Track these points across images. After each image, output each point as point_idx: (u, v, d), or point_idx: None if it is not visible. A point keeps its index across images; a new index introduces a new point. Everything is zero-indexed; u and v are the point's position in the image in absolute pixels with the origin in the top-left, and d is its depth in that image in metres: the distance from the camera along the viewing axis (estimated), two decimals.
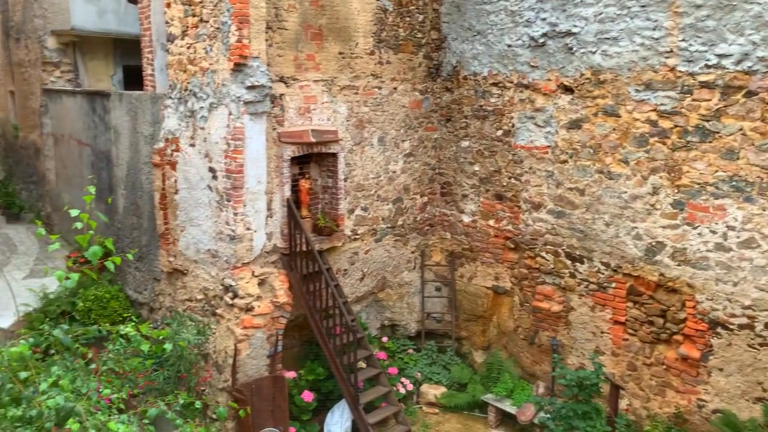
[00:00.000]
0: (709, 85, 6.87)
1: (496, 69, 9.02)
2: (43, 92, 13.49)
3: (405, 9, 9.29)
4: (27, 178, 15.62)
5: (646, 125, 7.45)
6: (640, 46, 7.34)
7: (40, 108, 13.72)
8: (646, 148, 7.48)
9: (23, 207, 15.06)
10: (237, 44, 7.30)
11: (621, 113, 7.64)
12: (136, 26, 10.99)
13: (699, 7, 6.82)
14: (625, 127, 7.64)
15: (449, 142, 9.92)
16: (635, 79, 7.45)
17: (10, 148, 17.39)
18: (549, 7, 8.20)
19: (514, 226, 9.09)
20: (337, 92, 8.70)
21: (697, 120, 7.02)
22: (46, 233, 4.05)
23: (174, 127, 8.46)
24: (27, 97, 14.86)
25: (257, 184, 7.81)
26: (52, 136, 13.39)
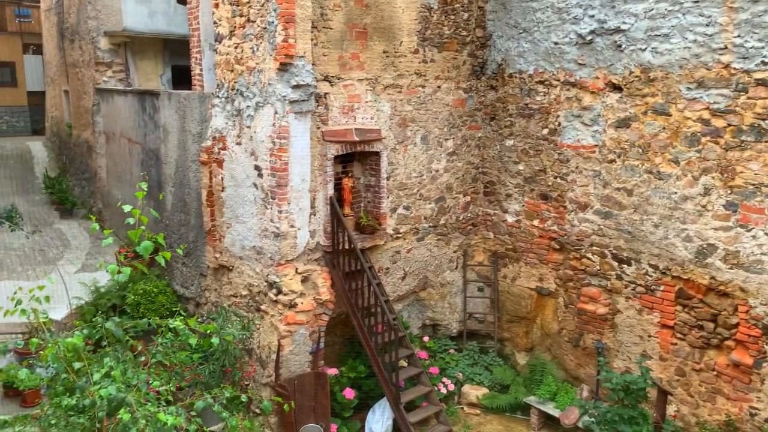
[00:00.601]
0: (766, 82, 6.63)
1: (542, 67, 8.90)
2: (95, 91, 13.92)
3: (450, 7, 9.24)
4: (80, 175, 16.14)
5: (698, 124, 7.23)
6: (692, 42, 7.13)
7: (93, 107, 14.15)
8: (697, 147, 7.27)
9: (76, 203, 15.56)
10: (283, 44, 7.38)
11: (672, 112, 7.45)
12: (184, 26, 11.23)
13: (756, 2, 6.59)
14: (675, 126, 7.44)
15: (493, 140, 9.83)
16: (687, 77, 7.24)
17: (64, 146, 18.00)
18: (597, 4, 8.04)
19: (559, 226, 8.96)
20: (381, 91, 8.71)
21: (752, 119, 6.78)
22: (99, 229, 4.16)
23: (221, 126, 8.61)
24: (80, 96, 15.35)
25: (301, 182, 7.89)
26: (104, 134, 13.79)
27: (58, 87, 18.41)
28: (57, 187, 15.78)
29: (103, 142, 13.87)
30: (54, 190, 15.74)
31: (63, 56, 16.95)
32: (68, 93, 16.91)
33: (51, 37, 18.76)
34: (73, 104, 16.46)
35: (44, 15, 19.88)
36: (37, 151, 21.33)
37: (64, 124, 17.69)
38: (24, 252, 12.53)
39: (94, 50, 13.74)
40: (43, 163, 19.81)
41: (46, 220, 14.95)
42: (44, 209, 15.79)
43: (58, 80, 18.12)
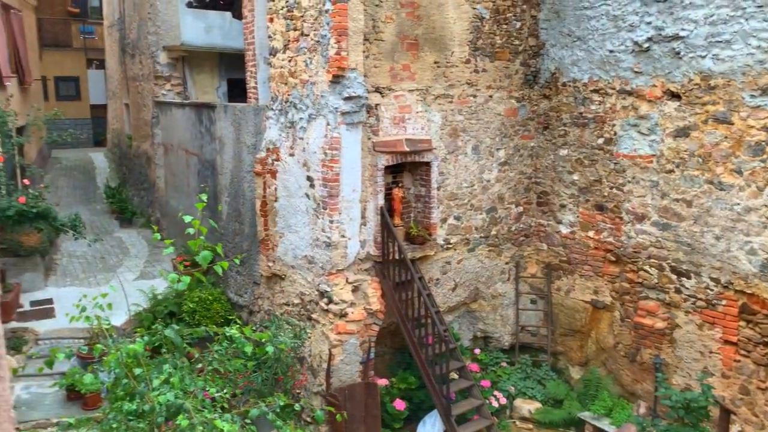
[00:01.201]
0: None
1: (597, 75, 8.74)
2: (154, 104, 14.38)
3: (502, 17, 9.19)
4: (139, 185, 16.68)
5: (763, 133, 6.96)
6: (756, 48, 6.88)
7: (152, 119, 14.62)
8: (762, 157, 7.00)
9: (135, 212, 16.08)
10: (335, 56, 7.48)
11: (734, 120, 7.20)
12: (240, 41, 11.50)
13: None
14: (738, 135, 7.18)
15: (546, 150, 9.70)
16: (750, 84, 6.99)
17: (124, 157, 18.64)
18: (654, 11, 7.86)
19: (615, 238, 8.75)
20: (432, 101, 8.71)
21: None
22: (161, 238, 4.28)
23: (275, 138, 8.76)
24: (140, 109, 15.88)
25: (352, 192, 7.95)
26: (162, 146, 14.22)
27: (119, 100, 19.11)
28: (117, 196, 16.35)
29: (162, 153, 14.30)
30: (114, 199, 16.31)
31: (124, 70, 17.60)
32: (128, 106, 17.53)
33: (113, 52, 19.51)
34: (133, 116, 17.06)
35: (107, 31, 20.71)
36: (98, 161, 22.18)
37: (124, 136, 18.33)
38: (86, 259, 13.01)
39: (153, 64, 14.21)
40: (104, 173, 20.57)
41: (107, 228, 15.50)
42: (105, 218, 16.37)
43: (119, 93, 18.81)
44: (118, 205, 16.12)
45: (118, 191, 16.67)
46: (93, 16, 26.25)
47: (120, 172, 19.32)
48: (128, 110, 17.68)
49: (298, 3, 7.97)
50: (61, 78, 26.18)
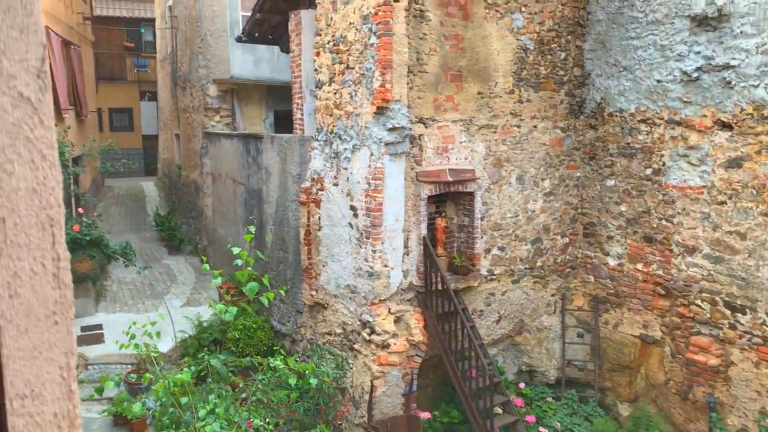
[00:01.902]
0: None
1: (645, 105, 8.61)
2: (204, 135, 14.78)
3: (546, 47, 9.18)
4: (187, 213, 17.08)
5: None
6: None
7: (201, 149, 15.02)
8: None
9: (183, 240, 16.45)
10: (380, 89, 7.58)
11: None
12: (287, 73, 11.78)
13: None
14: None
15: (593, 180, 9.55)
16: None
17: (174, 186, 19.14)
18: (704, 40, 7.73)
19: (665, 270, 8.51)
20: (475, 131, 8.71)
21: None
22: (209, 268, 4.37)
23: (319, 168, 8.88)
24: (190, 139, 16.34)
25: (395, 222, 7.97)
26: (211, 175, 14.56)
27: (169, 131, 19.72)
28: (166, 224, 16.76)
29: (210, 182, 14.64)
30: (163, 227, 16.72)
31: (175, 102, 18.18)
32: (179, 136, 18.06)
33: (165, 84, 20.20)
34: (183, 147, 17.55)
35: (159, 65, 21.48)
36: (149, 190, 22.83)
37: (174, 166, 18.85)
38: (135, 286, 13.33)
39: (203, 96, 14.64)
40: (154, 201, 21.15)
41: (155, 255, 15.87)
42: (154, 245, 16.78)
43: (170, 124, 19.41)
44: (167, 232, 16.52)
45: (167, 219, 17.09)
46: (147, 51, 27.29)
47: (169, 201, 19.84)
48: (178, 140, 18.21)
49: (344, 37, 8.14)
50: (116, 109, 27.20)
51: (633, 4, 8.61)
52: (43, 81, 0.73)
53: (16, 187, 0.71)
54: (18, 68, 0.71)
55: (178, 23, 17.25)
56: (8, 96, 0.70)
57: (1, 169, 0.69)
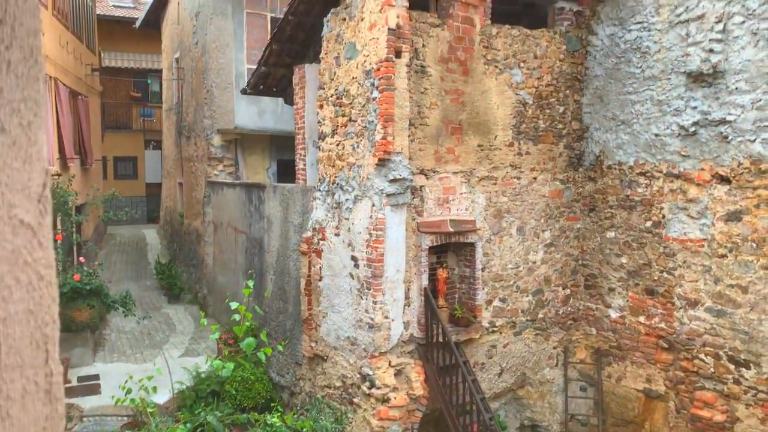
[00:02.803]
0: None
1: (643, 158, 8.71)
2: (207, 184, 14.90)
3: (545, 101, 9.34)
4: (188, 262, 17.07)
5: None
6: None
7: (204, 198, 15.12)
8: None
9: (183, 288, 16.39)
10: (382, 141, 7.68)
11: None
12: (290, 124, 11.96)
13: None
14: None
15: (593, 232, 9.58)
16: None
17: (176, 234, 19.19)
18: (700, 96, 7.88)
19: (667, 324, 8.45)
20: (476, 183, 8.79)
21: None
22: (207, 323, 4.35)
23: (321, 218, 8.93)
24: (193, 188, 16.47)
25: (396, 272, 7.96)
26: (213, 224, 14.62)
27: (173, 179, 19.89)
28: (167, 273, 16.73)
29: (212, 231, 14.69)
30: (164, 276, 16.68)
31: (179, 151, 18.40)
32: (182, 185, 18.21)
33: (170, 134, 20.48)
34: (185, 195, 17.67)
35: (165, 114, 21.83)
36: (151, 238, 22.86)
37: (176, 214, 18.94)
38: (134, 335, 13.22)
39: (207, 146, 14.83)
40: (155, 249, 21.15)
41: (155, 304, 15.78)
42: (154, 294, 16.71)
43: (174, 173, 19.59)
44: (167, 281, 16.47)
45: (167, 267, 17.07)
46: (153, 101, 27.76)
47: (170, 249, 19.85)
48: (181, 189, 18.35)
49: (347, 91, 8.30)
50: (120, 158, 27.50)
51: (630, 61, 8.80)
52: (44, 205, 0.75)
53: (12, 312, 0.72)
54: (20, 197, 0.72)
55: (184, 75, 17.61)
56: (9, 225, 0.71)
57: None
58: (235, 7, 13.68)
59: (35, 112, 0.74)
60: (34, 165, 0.74)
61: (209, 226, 14.82)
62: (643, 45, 8.58)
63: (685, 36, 7.98)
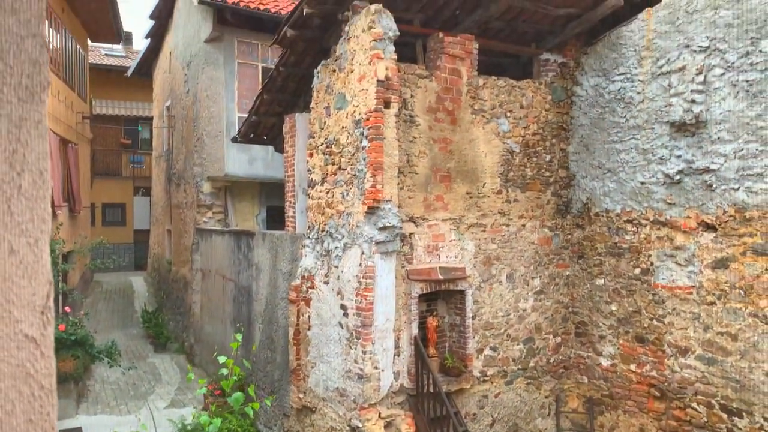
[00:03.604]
0: None
1: (630, 206, 8.81)
2: (195, 231, 14.86)
3: (532, 150, 9.47)
4: (175, 309, 16.87)
5: None
6: None
7: (192, 245, 15.05)
8: None
9: (170, 337, 16.14)
10: (371, 189, 7.73)
11: None
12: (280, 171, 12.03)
13: None
14: None
15: (582, 279, 9.60)
16: None
17: (163, 281, 19.01)
18: (684, 145, 8.03)
19: (658, 372, 8.40)
20: (465, 230, 8.83)
21: None
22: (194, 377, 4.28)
23: (310, 265, 8.90)
24: (181, 235, 16.41)
25: (386, 321, 7.90)
26: (201, 271, 14.51)
27: (162, 226, 19.82)
28: (153, 321, 16.51)
29: (200, 278, 14.57)
30: (150, 324, 16.45)
31: (168, 198, 18.40)
32: (170, 232, 18.14)
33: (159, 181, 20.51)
34: (174, 242, 17.59)
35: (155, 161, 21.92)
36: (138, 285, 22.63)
37: (164, 261, 18.81)
38: (119, 386, 12.94)
39: (197, 193, 14.85)
40: (142, 297, 20.92)
41: (141, 353, 15.51)
42: (140, 342, 16.44)
43: (163, 220, 19.54)
44: (154, 329, 16.24)
45: (154, 316, 16.86)
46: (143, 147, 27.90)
47: (158, 297, 19.64)
48: (170, 236, 18.27)
49: (337, 140, 8.39)
50: (109, 205, 27.43)
51: (614, 110, 8.99)
52: (47, 316, 0.77)
53: (14, 424, 0.72)
54: (25, 312, 0.75)
55: (175, 122, 17.75)
56: (14, 341, 0.73)
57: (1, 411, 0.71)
58: (226, 58, 13.90)
59: (42, 228, 0.77)
60: (39, 279, 0.76)
61: (197, 273, 14.71)
62: (626, 95, 8.77)
63: (667, 87, 8.17)
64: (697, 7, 7.80)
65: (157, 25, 19.45)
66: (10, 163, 0.71)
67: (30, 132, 0.74)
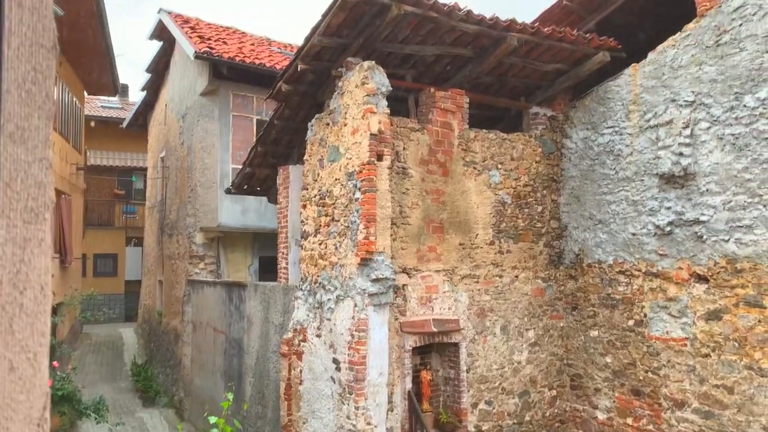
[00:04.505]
0: None
1: (622, 257, 8.84)
2: (187, 282, 14.76)
3: (523, 201, 9.55)
4: (165, 362, 16.59)
5: None
6: None
7: (184, 297, 14.92)
8: None
9: (159, 391, 15.82)
10: (364, 241, 7.74)
11: (766, 304, 7.08)
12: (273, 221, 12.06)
13: None
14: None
15: (577, 331, 9.54)
16: None
17: (153, 333, 18.76)
18: (673, 197, 8.12)
19: (655, 426, 8.27)
20: (458, 281, 8.81)
21: None
22: None
23: (303, 318, 8.82)
24: (173, 286, 16.28)
25: (379, 376, 7.79)
26: (192, 323, 14.35)
27: (153, 277, 19.68)
28: (143, 374, 16.21)
29: (190, 330, 14.39)
30: (140, 377, 16.16)
31: (161, 249, 18.32)
32: (162, 283, 18.00)
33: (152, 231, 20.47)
34: (165, 293, 17.44)
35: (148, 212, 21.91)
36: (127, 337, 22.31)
37: (155, 312, 18.61)
38: None
39: (189, 244, 14.81)
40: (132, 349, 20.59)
41: (129, 408, 15.17)
42: (129, 396, 16.10)
43: (154, 270, 19.42)
44: (143, 383, 15.93)
45: (144, 369, 16.56)
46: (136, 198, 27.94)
47: (148, 349, 19.34)
48: (161, 287, 18.12)
49: (330, 192, 8.45)
50: (100, 255, 27.28)
51: (604, 162, 9.11)
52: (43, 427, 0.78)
53: None
54: (21, 426, 0.75)
55: (169, 173, 17.84)
56: None
57: None
58: (222, 110, 14.10)
59: (41, 342, 0.78)
60: (36, 391, 0.77)
61: (188, 325, 14.53)
62: (615, 148, 8.91)
63: (655, 140, 8.32)
64: (681, 63, 8.02)
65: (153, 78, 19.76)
66: (13, 283, 0.72)
67: (33, 251, 0.75)
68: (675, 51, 8.11)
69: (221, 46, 14.61)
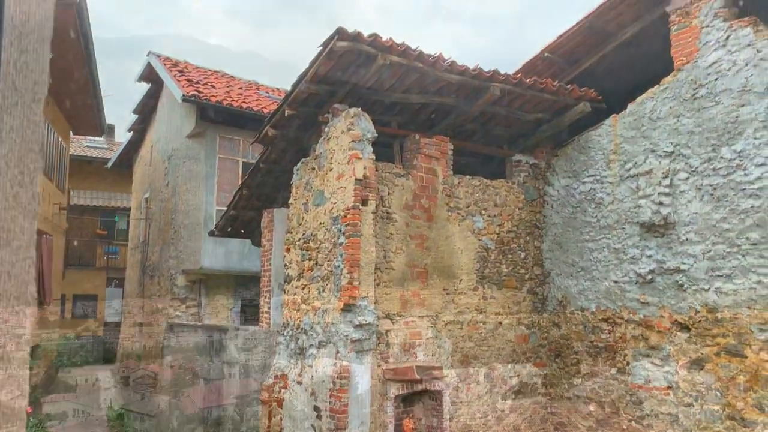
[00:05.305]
0: None
1: (605, 305, 8.86)
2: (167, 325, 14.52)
3: (507, 247, 9.60)
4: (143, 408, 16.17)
5: None
6: (756, 284, 7.04)
7: (163, 340, 14.66)
8: None
9: None
10: (347, 286, 7.71)
11: (747, 353, 7.11)
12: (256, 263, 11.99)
13: None
14: (753, 369, 7.04)
15: (560, 379, 9.48)
16: (757, 318, 7.03)
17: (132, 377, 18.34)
18: (654, 245, 8.20)
19: None
20: (442, 327, 8.77)
21: None
22: None
23: (284, 364, 8.70)
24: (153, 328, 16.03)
25: (360, 425, 7.66)
26: (171, 368, 14.07)
27: (133, 319, 19.37)
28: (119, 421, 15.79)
29: (169, 375, 14.10)
30: (116, 422, 15.73)
31: (142, 290, 18.10)
32: (142, 325, 17.71)
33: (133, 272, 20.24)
34: (145, 336, 17.14)
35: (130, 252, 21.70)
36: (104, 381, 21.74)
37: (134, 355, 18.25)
38: None
39: (171, 286, 14.65)
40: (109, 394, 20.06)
41: None
42: None
43: (135, 312, 19.13)
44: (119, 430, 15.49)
45: (119, 415, 16.14)
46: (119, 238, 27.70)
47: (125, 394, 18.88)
48: (141, 329, 17.83)
49: (314, 236, 8.44)
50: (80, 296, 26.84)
51: (585, 210, 9.22)
52: None
53: None
54: None
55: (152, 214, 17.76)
56: None
57: None
58: (208, 153, 14.15)
59: None
60: None
61: (167, 369, 14.26)
62: (596, 196, 9.04)
63: (635, 189, 8.45)
64: (660, 115, 8.22)
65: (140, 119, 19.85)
66: None
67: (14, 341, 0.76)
68: (654, 103, 8.32)
69: (209, 90, 14.76)
